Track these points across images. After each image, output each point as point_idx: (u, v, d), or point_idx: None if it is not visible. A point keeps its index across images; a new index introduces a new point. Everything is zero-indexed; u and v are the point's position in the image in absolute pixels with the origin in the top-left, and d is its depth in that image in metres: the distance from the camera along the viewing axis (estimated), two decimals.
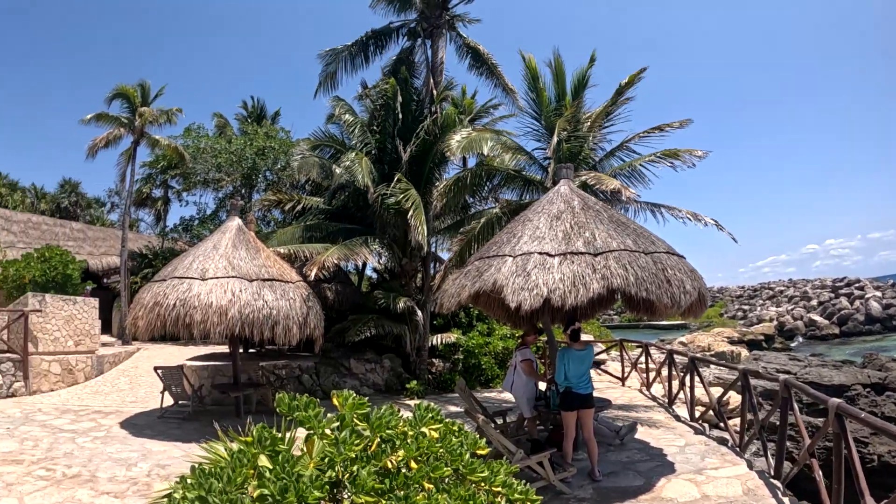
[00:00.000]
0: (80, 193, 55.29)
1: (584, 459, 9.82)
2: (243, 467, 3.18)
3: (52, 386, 17.13)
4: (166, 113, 29.40)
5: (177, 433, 12.54)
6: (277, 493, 2.95)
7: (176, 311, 12.52)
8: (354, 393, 3.82)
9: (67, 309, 18.26)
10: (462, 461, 3.67)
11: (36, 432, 12.12)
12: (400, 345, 19.62)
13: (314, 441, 3.48)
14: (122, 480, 9.06)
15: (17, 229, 33.56)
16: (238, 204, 16.25)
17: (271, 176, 31.18)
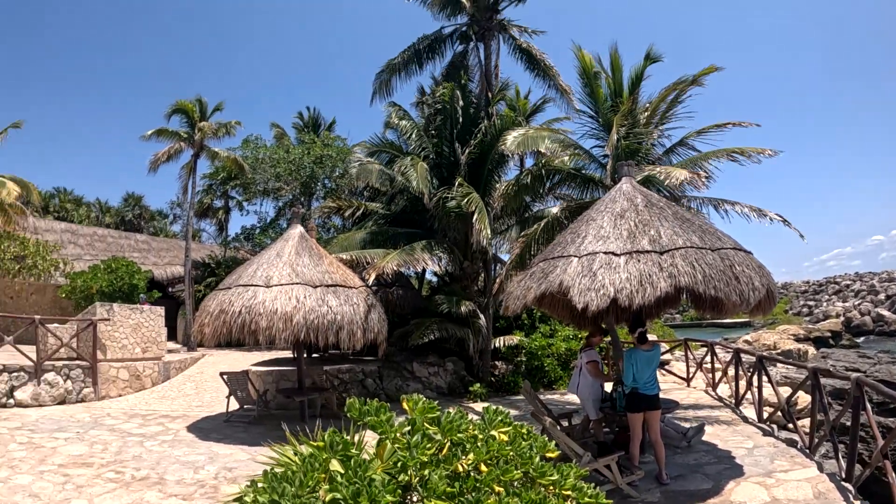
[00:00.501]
0: (144, 206, 56.61)
1: (650, 462, 9.62)
2: (315, 471, 3.19)
3: (121, 391, 17.55)
4: (225, 126, 29.93)
5: (242, 437, 12.69)
6: (350, 497, 2.95)
7: (241, 317, 12.70)
8: (423, 397, 3.81)
9: (134, 317, 18.66)
10: (532, 464, 3.63)
11: (105, 436, 12.36)
12: (462, 348, 19.52)
13: (386, 445, 3.45)
14: (190, 483, 9.20)
15: (83, 242, 34.46)
16: (299, 212, 16.39)
17: (330, 183, 31.47)
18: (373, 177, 20.61)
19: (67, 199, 52.73)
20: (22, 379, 15.35)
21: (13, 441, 11.59)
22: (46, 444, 11.44)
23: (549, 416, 9.98)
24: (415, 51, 23.86)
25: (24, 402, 15.12)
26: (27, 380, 15.43)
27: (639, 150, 15.89)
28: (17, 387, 15.22)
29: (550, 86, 23.69)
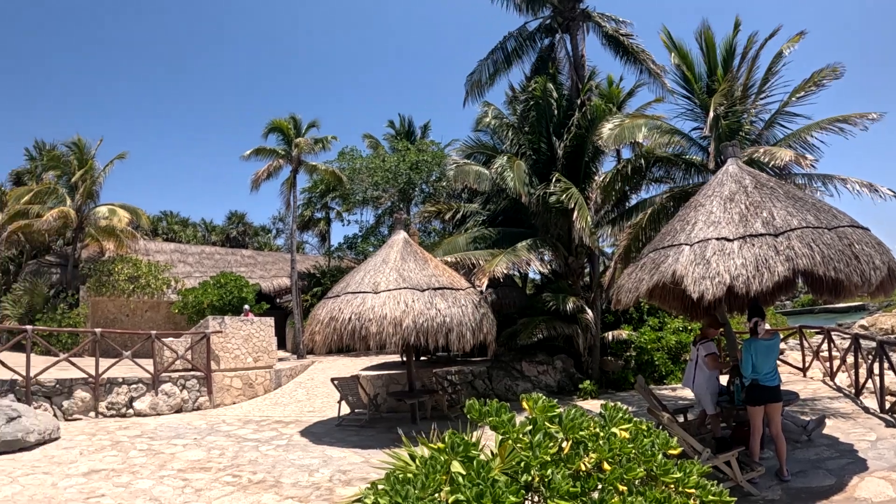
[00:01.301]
0: (247, 223, 58.27)
1: (770, 458, 9.19)
2: (437, 473, 3.18)
3: (234, 399, 18.22)
4: (321, 141, 30.58)
5: (355, 440, 12.82)
6: (473, 498, 2.93)
7: (352, 324, 12.85)
8: (543, 396, 3.75)
9: (245, 329, 19.23)
10: (655, 462, 3.56)
11: (221, 442, 12.75)
12: (571, 345, 19.28)
13: (507, 445, 3.44)
14: (305, 486, 9.32)
15: (192, 260, 35.66)
16: (402, 217, 16.45)
17: (427, 188, 31.65)
18: (470, 178, 20.51)
19: (174, 221, 54.81)
20: (140, 390, 16.20)
21: (133, 448, 12.08)
22: (165, 451, 11.86)
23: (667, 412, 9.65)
24: (502, 49, 23.67)
25: (142, 411, 15.97)
26: (145, 391, 16.27)
27: (739, 129, 15.32)
28: (136, 397, 16.07)
29: (642, 70, 23.01)
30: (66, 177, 31.89)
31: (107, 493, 9.06)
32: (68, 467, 10.59)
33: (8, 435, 11.45)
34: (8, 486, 9.38)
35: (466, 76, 24.04)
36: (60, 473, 10.17)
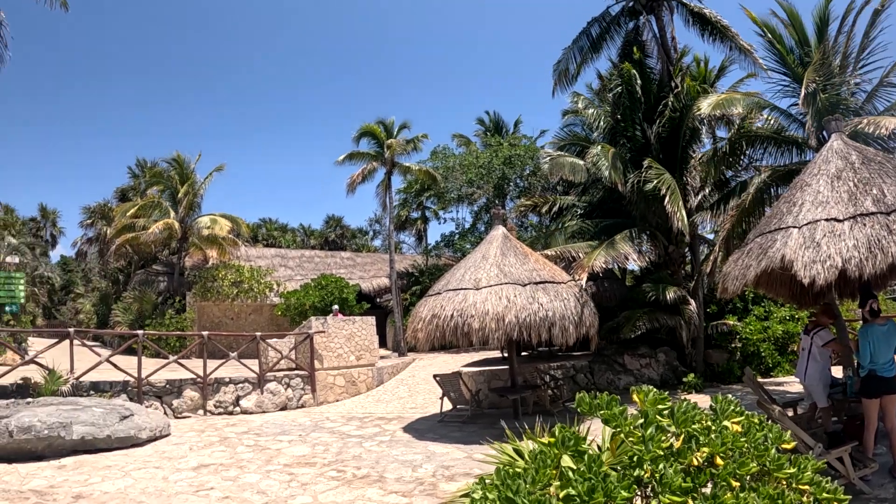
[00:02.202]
0: (344, 226, 59.27)
1: (883, 454, 8.60)
2: (547, 467, 3.14)
3: (337, 397, 18.62)
4: (412, 141, 30.84)
5: (457, 436, 12.81)
6: (585, 493, 2.88)
7: (454, 321, 12.88)
8: (654, 388, 3.70)
9: (348, 328, 19.58)
10: (768, 457, 3.44)
11: (326, 438, 12.96)
12: (673, 337, 18.80)
13: (618, 439, 3.40)
14: (409, 481, 9.34)
15: (293, 264, 36.53)
16: (499, 213, 16.34)
17: (522, 182, 31.45)
18: (565, 170, 20.20)
19: (273, 227, 56.29)
20: (246, 389, 16.80)
21: (241, 444, 12.42)
22: (271, 447, 12.13)
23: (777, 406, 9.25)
24: (587, 35, 23.20)
25: (248, 409, 16.55)
26: (251, 389, 16.86)
27: (839, 102, 14.54)
28: (243, 396, 16.68)
29: (732, 48, 22.11)
30: (168, 191, 33.50)
31: (216, 487, 9.32)
32: (178, 462, 10.96)
33: (121, 432, 11.91)
34: (121, 480, 9.78)
35: (553, 65, 23.78)
36: (171, 468, 10.53)
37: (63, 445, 11.28)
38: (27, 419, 11.07)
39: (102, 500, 8.77)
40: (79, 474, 10.18)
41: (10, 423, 10.92)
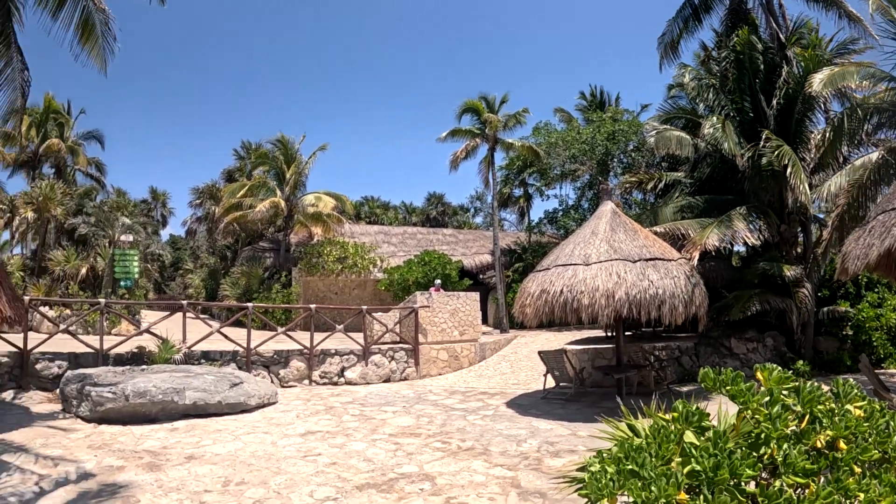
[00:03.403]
0: (446, 203, 59.46)
1: None
2: (669, 443, 3.11)
3: (440, 371, 18.89)
4: (514, 116, 30.36)
5: (560, 413, 12.72)
6: (710, 469, 2.83)
7: (563, 296, 12.68)
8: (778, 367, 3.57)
9: (452, 303, 19.78)
10: (891, 444, 3.31)
11: (429, 410, 13.14)
12: (782, 321, 18.01)
13: (743, 416, 3.32)
14: (514, 455, 9.33)
15: (395, 241, 36.83)
16: (608, 188, 15.99)
17: (625, 159, 30.65)
18: (672, 144, 19.49)
19: (376, 205, 56.97)
20: (351, 361, 17.27)
21: (346, 413, 12.71)
22: (376, 416, 12.33)
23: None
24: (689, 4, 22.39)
25: (353, 380, 17.06)
26: (356, 361, 17.33)
27: None
28: (347, 367, 17.18)
29: (840, 16, 20.86)
30: (273, 171, 34.44)
31: (323, 453, 9.52)
32: (286, 428, 11.25)
33: (231, 398, 12.30)
34: (231, 443, 10.17)
35: (658, 38, 23.02)
36: (279, 433, 10.80)
37: (175, 410, 11.78)
38: (142, 385, 11.55)
39: (214, 461, 9.05)
40: (191, 437, 10.56)
41: (126, 388, 11.38)
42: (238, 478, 8.22)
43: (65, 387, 12.28)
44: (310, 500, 7.34)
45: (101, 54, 12.55)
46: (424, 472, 8.44)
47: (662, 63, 23.22)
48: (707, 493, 2.80)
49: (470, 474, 8.27)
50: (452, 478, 8.13)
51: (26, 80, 12.47)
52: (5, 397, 13.04)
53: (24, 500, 7.33)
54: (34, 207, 32.83)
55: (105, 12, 12.35)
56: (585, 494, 3.00)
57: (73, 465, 8.82)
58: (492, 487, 7.70)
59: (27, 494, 7.50)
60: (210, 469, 8.62)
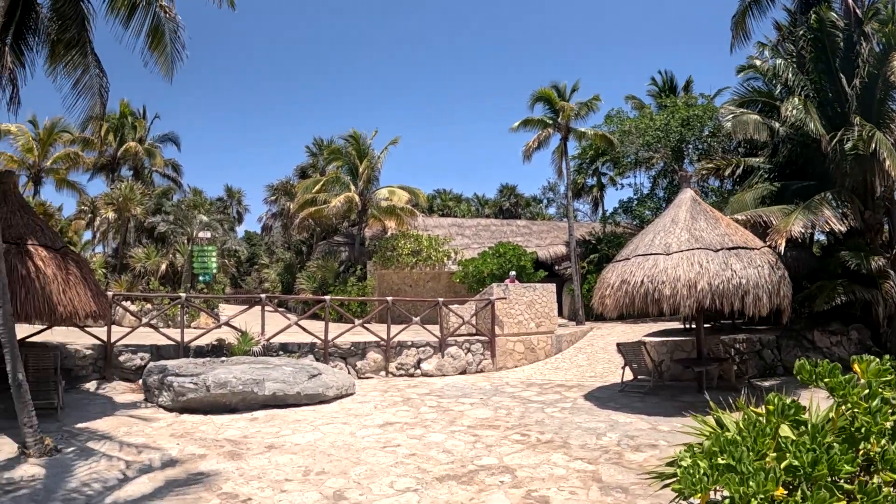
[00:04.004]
0: (518, 194, 59.17)
1: None
2: (765, 437, 3.05)
3: (516, 363, 18.79)
4: (586, 104, 29.85)
5: (639, 406, 12.58)
6: (808, 464, 2.75)
7: (644, 287, 12.45)
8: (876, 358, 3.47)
9: (528, 295, 19.66)
10: None
11: (507, 402, 13.13)
12: (867, 313, 17.30)
13: (840, 410, 3.24)
14: (594, 448, 9.28)
15: (469, 233, 36.88)
16: (687, 175, 15.60)
17: (701, 145, 29.88)
18: (749, 128, 18.89)
19: (448, 197, 57.17)
20: (427, 353, 17.42)
21: (423, 405, 12.86)
22: (454, 408, 12.42)
23: None
24: None
25: (429, 372, 17.18)
26: (432, 353, 17.46)
27: None
28: (424, 359, 17.34)
29: None
30: (346, 166, 34.84)
31: (402, 444, 9.63)
32: (364, 419, 11.41)
33: (310, 389, 12.54)
34: (310, 433, 10.41)
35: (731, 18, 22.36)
36: (357, 424, 10.96)
37: (255, 400, 12.08)
38: (223, 375, 11.85)
39: (293, 450, 9.23)
40: (270, 426, 10.79)
41: (207, 378, 11.69)
42: (318, 467, 8.39)
43: (147, 377, 12.78)
44: (390, 491, 7.42)
45: (168, 61, 12.86)
46: (504, 464, 8.45)
47: (734, 44, 22.53)
48: (805, 488, 2.73)
49: (550, 467, 8.25)
50: (532, 470, 8.11)
51: (104, 87, 12.90)
52: (89, 387, 13.63)
53: (108, 486, 7.62)
54: (115, 208, 34.45)
55: (175, 20, 12.66)
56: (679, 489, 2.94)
57: (157, 452, 9.15)
58: (573, 481, 7.66)
59: (111, 481, 7.80)
60: (290, 458, 8.82)
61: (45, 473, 8.04)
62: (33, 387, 9.88)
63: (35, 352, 11.99)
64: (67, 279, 11.11)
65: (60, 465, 8.42)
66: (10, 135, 35.53)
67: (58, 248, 11.63)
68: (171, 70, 12.93)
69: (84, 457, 8.83)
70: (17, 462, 8.48)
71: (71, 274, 11.27)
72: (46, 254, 11.15)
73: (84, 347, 14.03)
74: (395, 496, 7.25)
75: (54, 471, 8.15)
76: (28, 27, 12.72)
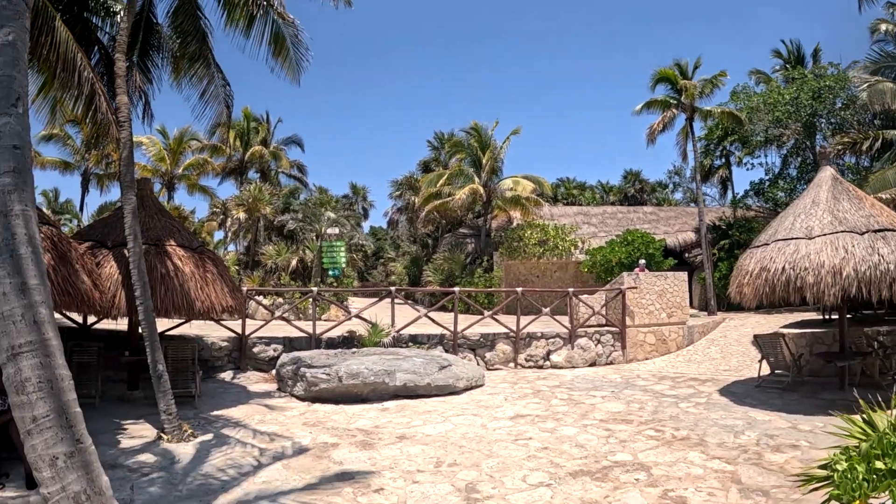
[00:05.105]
0: (643, 180, 57.85)
1: None
2: None
3: (647, 355, 18.48)
4: (710, 81, 28.59)
5: (778, 403, 12.03)
6: None
7: (785, 274, 11.61)
8: None
9: (659, 284, 19.19)
10: None
11: (639, 396, 12.95)
12: None
13: None
14: (732, 447, 8.97)
15: (595, 221, 36.44)
16: (827, 152, 14.72)
17: (833, 119, 28.14)
18: (886, 97, 17.78)
19: (572, 185, 56.58)
20: (557, 344, 17.36)
21: (554, 397, 12.87)
22: (585, 401, 12.35)
23: None
24: None
25: (558, 364, 17.12)
26: (561, 345, 17.39)
27: None
28: (553, 351, 17.28)
29: None
30: (469, 158, 35.04)
31: (534, 437, 9.65)
32: (495, 411, 11.51)
33: (440, 381, 12.77)
34: (441, 424, 10.58)
35: None
36: (488, 416, 11.05)
37: (386, 390, 12.44)
38: (355, 366, 12.23)
39: (425, 441, 9.38)
40: (401, 417, 11.07)
41: (339, 369, 12.08)
42: (450, 459, 8.50)
43: (280, 368, 13.35)
44: (523, 485, 7.43)
45: (293, 66, 13.23)
46: (639, 461, 8.32)
47: (861, 4, 21.02)
48: None
49: (687, 466, 8.04)
50: (668, 469, 7.94)
51: (229, 95, 13.48)
52: (225, 377, 14.36)
53: (243, 472, 7.95)
54: (245, 209, 36.48)
55: (294, 25, 12.99)
56: (836, 495, 2.81)
57: (290, 440, 9.52)
58: (710, 482, 7.44)
59: (246, 467, 8.15)
60: (422, 449, 8.96)
61: (182, 458, 8.52)
62: (172, 376, 10.61)
63: (174, 344, 12.77)
64: (205, 276, 11.71)
65: (197, 450, 8.92)
66: (142, 146, 37.74)
67: (194, 247, 12.28)
68: (298, 74, 13.31)
69: (219, 443, 9.31)
70: (155, 446, 9.05)
71: (208, 271, 11.87)
72: (184, 253, 11.78)
73: (220, 339, 14.85)
74: (528, 490, 7.23)
75: (191, 455, 8.63)
76: (151, 45, 13.46)
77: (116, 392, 12.39)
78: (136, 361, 12.05)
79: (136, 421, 10.49)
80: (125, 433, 9.78)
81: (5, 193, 4.33)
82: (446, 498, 7.05)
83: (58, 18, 9.94)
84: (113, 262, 10.89)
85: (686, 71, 28.89)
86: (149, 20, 13.12)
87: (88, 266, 9.92)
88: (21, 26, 4.69)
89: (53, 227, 9.68)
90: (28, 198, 4.44)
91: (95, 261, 10.65)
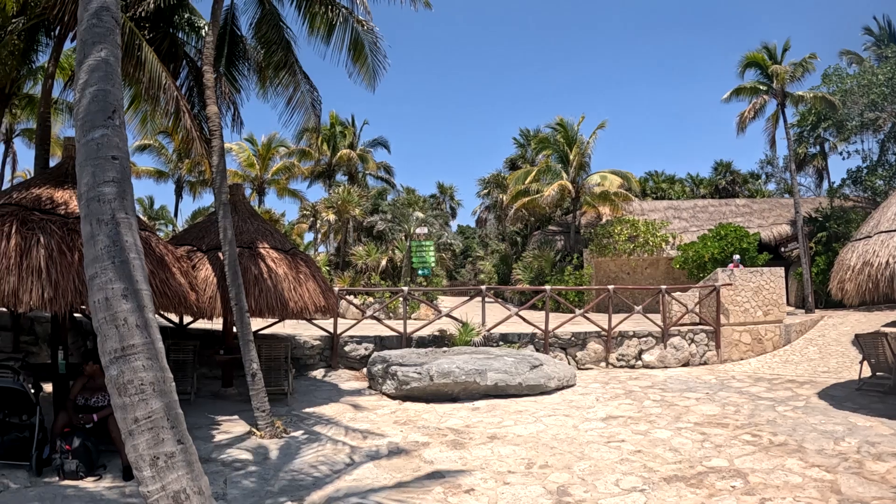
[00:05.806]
0: (734, 171, 56.14)
1: None
2: None
3: (742, 355, 17.94)
4: (800, 64, 27.52)
5: (879, 408, 11.54)
6: None
7: (889, 269, 10.94)
8: None
9: (755, 280, 18.59)
10: None
11: (734, 398, 12.66)
12: None
13: None
14: (831, 454, 8.72)
15: (686, 215, 35.59)
16: None
17: None
18: None
19: (660, 179, 55.40)
20: (649, 343, 17.15)
21: (647, 398, 12.78)
22: (678, 403, 12.22)
23: None
24: None
25: (650, 363, 16.92)
26: (654, 344, 17.16)
27: None
28: (645, 350, 17.09)
29: None
30: (555, 154, 34.78)
31: (626, 439, 9.62)
32: (586, 412, 11.52)
33: (531, 380, 12.86)
34: (532, 424, 10.64)
35: None
36: (579, 417, 11.07)
37: (476, 390, 12.58)
38: (446, 365, 12.43)
39: (516, 442, 9.48)
40: (492, 416, 11.19)
41: (430, 368, 12.32)
42: (541, 460, 8.54)
43: (371, 366, 13.74)
44: (615, 490, 7.42)
45: (370, 72, 13.50)
46: (735, 467, 8.19)
47: None
48: None
49: (785, 474, 7.86)
50: (766, 476, 7.79)
51: (315, 100, 13.81)
52: (316, 375, 14.81)
53: (335, 469, 8.18)
54: (335, 210, 37.61)
55: (373, 32, 13.30)
56: None
57: (381, 438, 9.74)
58: (809, 491, 7.26)
59: (338, 464, 8.38)
60: (513, 450, 9.04)
61: (275, 453, 8.82)
62: (265, 374, 11.03)
63: (268, 342, 13.22)
64: (298, 277, 12.06)
65: (289, 446, 9.22)
66: (232, 151, 39.13)
67: (287, 249, 12.66)
68: (374, 80, 13.61)
69: (311, 440, 9.60)
70: (248, 442, 9.38)
71: (301, 273, 12.22)
72: (277, 255, 12.14)
73: (312, 338, 15.33)
74: (621, 495, 7.21)
75: (283, 451, 8.92)
76: (237, 56, 14.05)
77: (211, 389, 13.08)
78: (230, 360, 12.63)
79: (229, 417, 10.93)
80: (219, 428, 10.19)
81: (108, 202, 4.54)
82: (537, 500, 7.09)
83: (144, 42, 10.54)
84: (208, 265, 11.37)
85: (775, 54, 27.92)
86: (233, 32, 13.70)
87: (185, 269, 10.39)
88: (113, 42, 4.96)
89: (150, 232, 10.20)
90: (129, 206, 4.67)
91: (191, 264, 11.17)
